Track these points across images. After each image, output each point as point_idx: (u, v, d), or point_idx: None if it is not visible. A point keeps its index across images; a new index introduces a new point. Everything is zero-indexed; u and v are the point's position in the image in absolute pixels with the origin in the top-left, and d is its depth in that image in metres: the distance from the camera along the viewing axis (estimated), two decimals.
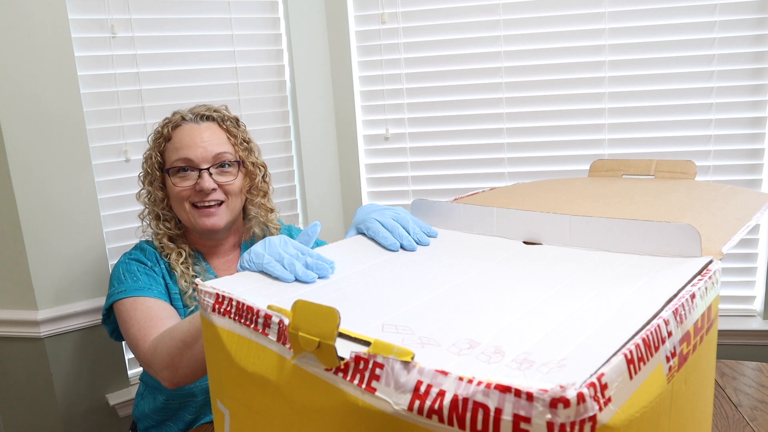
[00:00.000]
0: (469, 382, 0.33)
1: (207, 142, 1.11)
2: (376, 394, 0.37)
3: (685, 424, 0.44)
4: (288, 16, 1.63)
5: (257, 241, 1.21)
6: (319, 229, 0.69)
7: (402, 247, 0.66)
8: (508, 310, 0.46)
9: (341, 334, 0.43)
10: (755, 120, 1.56)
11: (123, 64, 1.44)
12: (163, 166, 1.14)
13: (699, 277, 0.49)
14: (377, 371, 0.37)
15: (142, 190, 1.18)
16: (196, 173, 1.11)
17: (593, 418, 0.31)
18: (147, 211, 1.18)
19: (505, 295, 0.50)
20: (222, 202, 1.13)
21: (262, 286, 0.56)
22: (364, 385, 0.38)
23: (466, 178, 1.71)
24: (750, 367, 1.12)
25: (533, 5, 1.60)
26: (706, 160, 1.59)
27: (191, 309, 1.13)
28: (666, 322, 0.40)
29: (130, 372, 1.52)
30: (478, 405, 0.32)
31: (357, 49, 1.72)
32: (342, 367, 0.39)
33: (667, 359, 0.40)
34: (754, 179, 1.58)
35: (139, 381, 1.25)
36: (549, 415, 0.31)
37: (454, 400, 0.33)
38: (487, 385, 0.32)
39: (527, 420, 0.31)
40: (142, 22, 1.46)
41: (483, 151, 1.69)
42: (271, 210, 1.23)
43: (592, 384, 0.32)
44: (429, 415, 0.34)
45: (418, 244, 0.67)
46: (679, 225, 0.54)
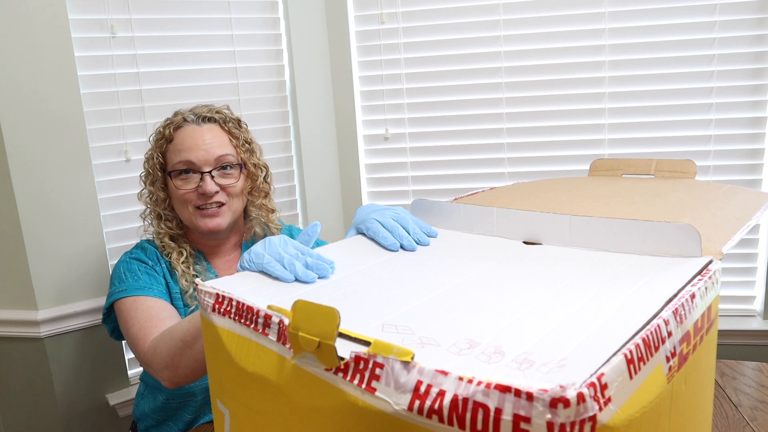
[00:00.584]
0: (469, 382, 0.33)
1: (209, 145, 1.11)
2: (376, 394, 0.37)
3: (685, 424, 0.44)
4: (288, 16, 1.63)
5: (258, 240, 1.21)
6: (319, 229, 0.69)
7: (402, 247, 0.66)
8: (508, 310, 0.46)
9: (341, 334, 0.43)
10: (755, 120, 1.56)
11: (123, 64, 1.44)
12: (164, 167, 1.14)
13: (699, 277, 0.49)
14: (377, 371, 0.37)
15: (144, 190, 1.18)
16: (198, 176, 1.11)
17: (593, 418, 0.31)
18: (148, 210, 1.18)
19: (505, 295, 0.50)
20: (224, 203, 1.13)
21: (262, 286, 0.56)
22: (364, 385, 0.38)
23: (466, 178, 1.71)
24: (750, 367, 1.12)
25: (533, 5, 1.60)
26: (706, 160, 1.59)
27: (192, 308, 1.13)
28: (666, 322, 0.40)
29: (130, 372, 1.51)
30: (478, 405, 0.32)
31: (357, 49, 1.72)
32: (342, 367, 0.39)
33: (667, 359, 0.40)
34: (754, 179, 1.58)
35: (140, 381, 1.25)
36: (549, 415, 0.31)
37: (454, 400, 0.33)
38: (487, 385, 0.32)
39: (527, 420, 0.31)
40: (142, 22, 1.46)
41: (483, 151, 1.69)
42: (273, 210, 1.23)
43: (592, 384, 0.32)
44: (429, 415, 0.34)
45: (418, 244, 0.67)
46: (679, 225, 0.54)
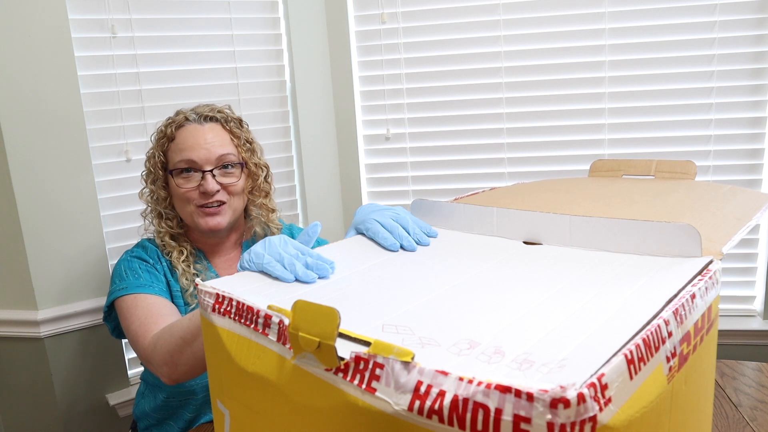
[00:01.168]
0: (470, 382, 0.33)
1: (210, 144, 1.12)
2: (376, 394, 0.37)
3: (686, 424, 0.44)
4: (288, 16, 1.63)
5: (258, 240, 1.21)
6: (320, 230, 0.69)
7: (402, 247, 0.66)
8: (508, 310, 0.46)
9: (341, 334, 0.43)
10: (755, 120, 1.56)
11: (123, 64, 1.44)
12: (166, 166, 1.15)
13: (699, 277, 0.49)
14: (377, 371, 0.37)
15: (145, 188, 1.18)
16: (199, 174, 1.11)
17: (593, 419, 0.31)
18: (149, 209, 1.19)
19: (505, 295, 0.49)
20: (224, 202, 1.13)
21: (262, 286, 0.56)
22: (364, 386, 0.38)
23: (466, 178, 1.71)
24: (750, 367, 1.12)
25: (533, 5, 1.60)
26: (706, 160, 1.59)
27: (192, 307, 1.13)
28: (666, 323, 0.40)
29: (130, 372, 1.52)
30: (478, 405, 0.32)
31: (357, 49, 1.72)
32: (342, 367, 0.39)
33: (668, 359, 0.39)
34: (754, 179, 1.58)
35: (140, 380, 1.25)
36: (549, 416, 0.31)
37: (455, 401, 0.33)
38: (488, 386, 0.32)
39: (527, 420, 0.31)
40: (142, 22, 1.46)
41: (483, 151, 1.69)
42: (273, 210, 1.24)
43: (593, 384, 0.32)
44: (429, 416, 0.34)
45: (418, 244, 0.67)
46: (679, 225, 0.54)
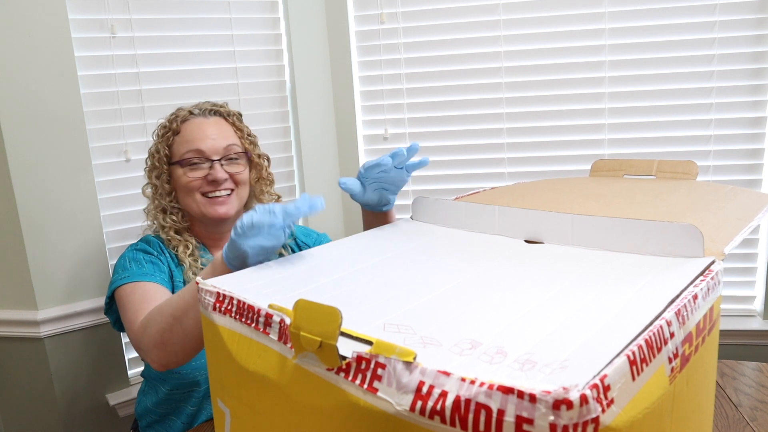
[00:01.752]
0: (472, 383, 0.33)
1: (216, 135, 1.16)
2: (378, 394, 0.37)
3: (687, 425, 0.44)
4: (288, 16, 1.63)
5: None
6: (310, 206, 0.72)
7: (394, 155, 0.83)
8: (510, 309, 0.46)
9: (343, 334, 0.43)
10: (755, 120, 1.56)
11: (123, 64, 1.44)
12: (170, 159, 1.17)
13: (701, 277, 0.49)
14: (379, 371, 0.37)
15: (148, 184, 1.20)
16: (207, 164, 1.15)
17: (596, 420, 0.31)
18: (153, 205, 1.20)
19: (506, 295, 0.49)
20: (232, 190, 1.17)
21: (263, 284, 0.56)
22: (365, 386, 0.37)
23: (467, 178, 1.71)
24: (750, 367, 1.12)
25: (533, 5, 1.60)
26: (707, 160, 1.59)
27: None
28: (668, 323, 0.40)
29: (130, 372, 1.51)
30: (480, 406, 0.32)
31: (357, 49, 1.72)
32: (344, 366, 0.39)
33: (670, 360, 0.39)
34: (754, 179, 1.58)
35: (142, 378, 1.25)
36: (552, 417, 0.31)
37: (457, 401, 0.33)
38: (490, 386, 0.32)
39: (530, 422, 0.31)
40: (142, 22, 1.46)
41: (483, 151, 1.69)
42: (279, 197, 1.30)
43: (595, 385, 0.32)
44: (431, 416, 0.34)
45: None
46: (681, 225, 0.54)
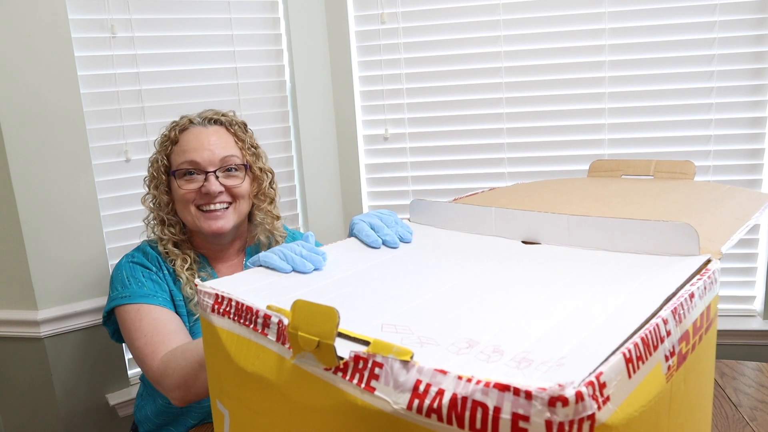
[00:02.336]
0: (468, 381, 0.33)
1: (214, 146, 1.11)
2: (376, 393, 0.37)
3: (684, 424, 0.44)
4: (288, 16, 1.63)
5: (262, 247, 1.20)
6: (313, 239, 0.69)
7: (384, 243, 0.66)
8: (507, 309, 0.46)
9: (340, 334, 0.43)
10: (755, 120, 1.56)
11: (123, 64, 1.45)
12: (169, 170, 1.14)
13: (698, 276, 0.49)
14: (376, 371, 0.37)
15: (147, 194, 1.17)
16: (202, 176, 1.10)
17: (592, 417, 0.31)
18: (152, 216, 1.17)
19: (504, 295, 0.50)
20: (229, 204, 1.12)
21: (261, 286, 0.56)
22: (363, 385, 0.38)
23: (466, 178, 1.71)
24: (750, 367, 1.12)
25: (533, 5, 1.60)
26: (706, 160, 1.59)
27: (196, 317, 1.11)
28: (665, 321, 0.40)
29: (130, 372, 1.52)
30: (477, 404, 0.32)
31: (357, 49, 1.72)
32: (341, 366, 0.39)
33: (666, 358, 0.40)
34: (754, 179, 1.58)
35: (140, 381, 1.24)
36: (548, 414, 0.31)
37: (453, 399, 0.33)
38: (486, 384, 0.32)
39: (526, 419, 0.31)
40: (142, 22, 1.46)
41: (483, 151, 1.69)
42: (278, 217, 1.22)
43: (591, 383, 0.32)
44: (428, 414, 0.34)
45: (401, 240, 0.67)
46: (676, 224, 0.54)
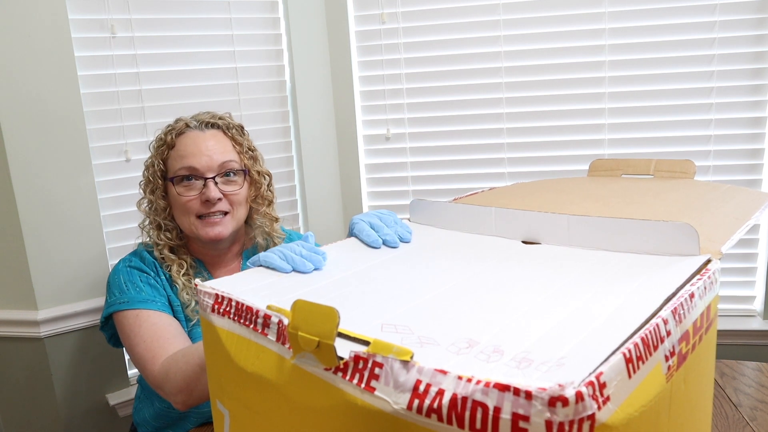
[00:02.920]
0: (468, 381, 0.33)
1: (212, 151, 1.09)
2: (376, 393, 0.37)
3: (685, 424, 0.44)
4: (288, 16, 1.63)
5: (260, 250, 1.19)
6: (312, 240, 0.69)
7: (384, 243, 0.66)
8: (507, 309, 0.46)
9: (340, 334, 0.43)
10: (755, 120, 1.56)
11: (123, 64, 1.45)
12: (165, 175, 1.12)
13: (698, 276, 0.49)
14: (376, 371, 0.37)
15: (143, 199, 1.15)
16: (200, 182, 1.08)
17: (592, 417, 0.31)
18: (148, 221, 1.15)
19: (504, 295, 0.50)
20: (227, 212, 1.11)
21: (261, 286, 0.56)
22: (363, 385, 0.38)
23: (466, 178, 1.71)
24: (750, 367, 1.12)
25: (533, 5, 1.60)
26: (706, 160, 1.59)
27: (193, 322, 1.10)
28: (665, 322, 0.40)
29: (130, 372, 1.52)
30: (477, 404, 0.32)
31: (357, 49, 1.72)
32: (341, 366, 0.39)
33: (666, 358, 0.39)
34: (754, 179, 1.58)
35: (137, 384, 1.23)
36: (548, 414, 0.31)
37: (453, 399, 0.33)
38: (486, 384, 0.32)
39: (526, 419, 0.31)
40: (142, 22, 1.46)
41: (483, 151, 1.69)
42: (276, 219, 1.20)
43: (591, 383, 0.32)
44: (428, 414, 0.34)
45: (401, 240, 0.67)
46: (676, 224, 0.54)
